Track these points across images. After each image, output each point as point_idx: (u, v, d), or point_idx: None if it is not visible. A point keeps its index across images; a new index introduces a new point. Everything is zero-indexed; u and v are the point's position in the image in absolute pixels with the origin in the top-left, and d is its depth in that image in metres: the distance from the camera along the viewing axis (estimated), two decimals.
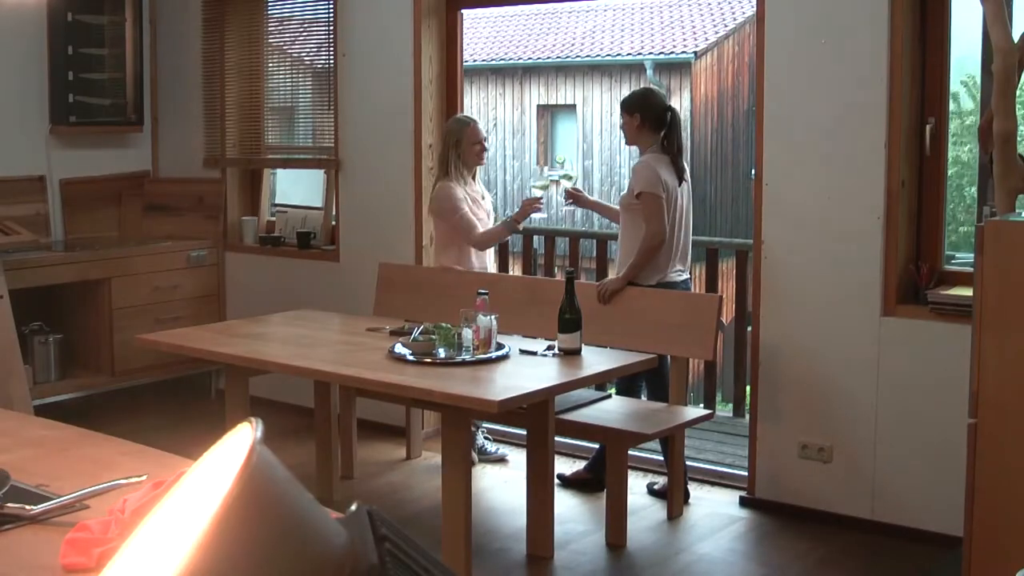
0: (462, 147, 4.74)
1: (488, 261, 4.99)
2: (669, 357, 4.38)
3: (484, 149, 4.84)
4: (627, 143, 4.64)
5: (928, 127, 4.02)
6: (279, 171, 6.35)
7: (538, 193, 4.84)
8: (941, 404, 3.86)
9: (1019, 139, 3.29)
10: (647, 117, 4.42)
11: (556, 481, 4.21)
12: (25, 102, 5.75)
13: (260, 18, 5.88)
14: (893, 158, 3.98)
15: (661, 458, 4.52)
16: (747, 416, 4.99)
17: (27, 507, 1.80)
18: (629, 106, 4.48)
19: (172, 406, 5.85)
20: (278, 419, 5.22)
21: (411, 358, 3.80)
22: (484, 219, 4.83)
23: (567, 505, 4.42)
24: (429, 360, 3.78)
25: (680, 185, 4.44)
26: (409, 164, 5.27)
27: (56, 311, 5.62)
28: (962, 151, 8.46)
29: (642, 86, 4.74)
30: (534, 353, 3.95)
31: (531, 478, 3.94)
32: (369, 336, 4.23)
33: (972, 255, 3.05)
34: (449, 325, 3.96)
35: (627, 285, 4.44)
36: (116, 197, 6.21)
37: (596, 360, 3.94)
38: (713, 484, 4.64)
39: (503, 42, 14.73)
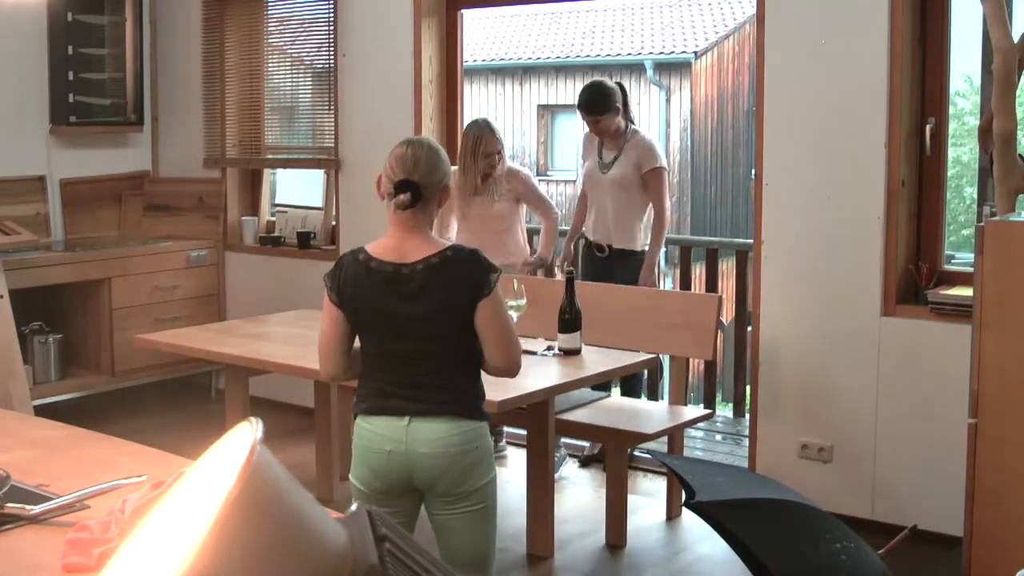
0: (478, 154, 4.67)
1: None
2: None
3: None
4: (608, 138, 4.58)
5: (928, 127, 4.02)
6: (279, 171, 6.35)
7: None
8: (941, 404, 3.86)
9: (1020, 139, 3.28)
10: (624, 105, 4.48)
11: (557, 476, 4.07)
12: (25, 102, 5.74)
13: (260, 18, 5.88)
14: (893, 158, 3.98)
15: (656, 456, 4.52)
16: (747, 416, 4.99)
17: (27, 507, 1.80)
18: (613, 104, 4.47)
19: (172, 406, 5.84)
20: (278, 419, 5.22)
21: None
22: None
23: (567, 505, 4.41)
24: None
25: None
26: None
27: (56, 311, 5.62)
28: (962, 152, 8.47)
29: (590, 82, 4.66)
30: (534, 353, 3.94)
31: (531, 478, 3.94)
32: None
33: (972, 255, 3.05)
34: None
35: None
36: (116, 197, 6.21)
37: (596, 360, 3.94)
38: None
39: (503, 42, 14.73)
